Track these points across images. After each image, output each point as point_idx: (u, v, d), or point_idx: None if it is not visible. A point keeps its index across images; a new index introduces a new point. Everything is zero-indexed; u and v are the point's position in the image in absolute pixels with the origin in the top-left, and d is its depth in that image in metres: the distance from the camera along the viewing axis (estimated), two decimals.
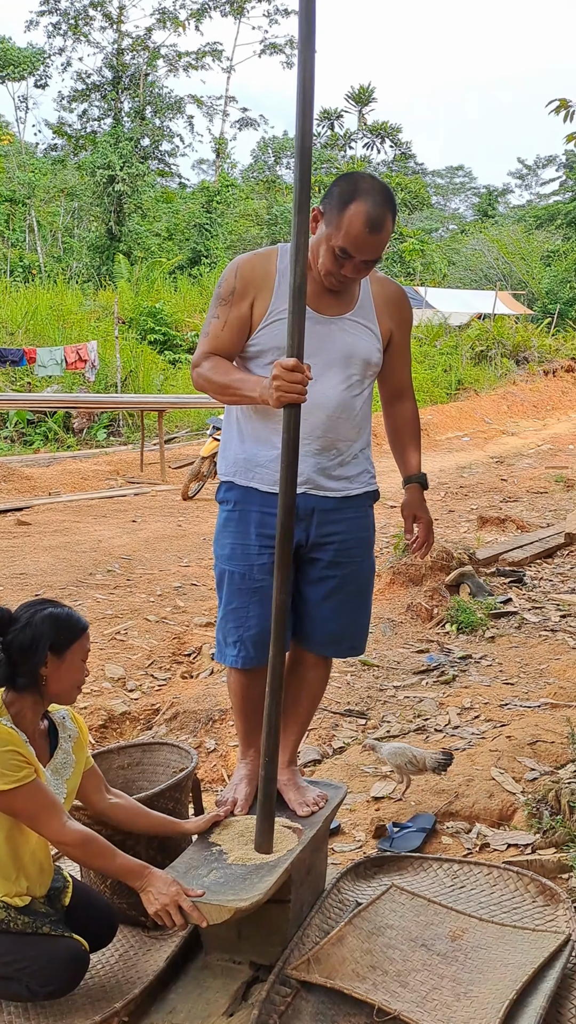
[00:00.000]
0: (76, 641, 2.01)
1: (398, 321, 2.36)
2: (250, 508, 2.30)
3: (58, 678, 1.99)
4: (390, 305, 2.34)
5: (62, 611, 2.02)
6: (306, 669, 2.47)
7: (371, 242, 2.08)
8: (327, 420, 2.25)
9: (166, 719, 4.26)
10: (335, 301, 2.24)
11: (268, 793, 2.09)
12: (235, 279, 2.22)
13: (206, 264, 26.77)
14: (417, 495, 2.52)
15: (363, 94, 36.93)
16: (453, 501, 9.92)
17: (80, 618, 2.05)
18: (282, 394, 1.93)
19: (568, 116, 6.15)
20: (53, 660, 1.97)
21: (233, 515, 2.34)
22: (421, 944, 2.17)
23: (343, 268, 2.13)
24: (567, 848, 2.80)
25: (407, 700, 4.31)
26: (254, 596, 2.31)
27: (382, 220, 2.07)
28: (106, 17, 28.90)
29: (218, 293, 2.25)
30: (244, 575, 2.32)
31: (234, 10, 30.96)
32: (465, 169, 59.61)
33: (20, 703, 1.98)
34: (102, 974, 2.14)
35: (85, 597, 5.84)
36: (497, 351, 20.95)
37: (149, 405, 12.28)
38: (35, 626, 1.96)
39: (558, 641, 5.05)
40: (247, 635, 2.33)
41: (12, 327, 16.40)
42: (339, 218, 2.07)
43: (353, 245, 2.08)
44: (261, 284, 2.20)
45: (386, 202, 2.08)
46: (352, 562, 2.37)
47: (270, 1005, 1.96)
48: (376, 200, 2.06)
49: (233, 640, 2.35)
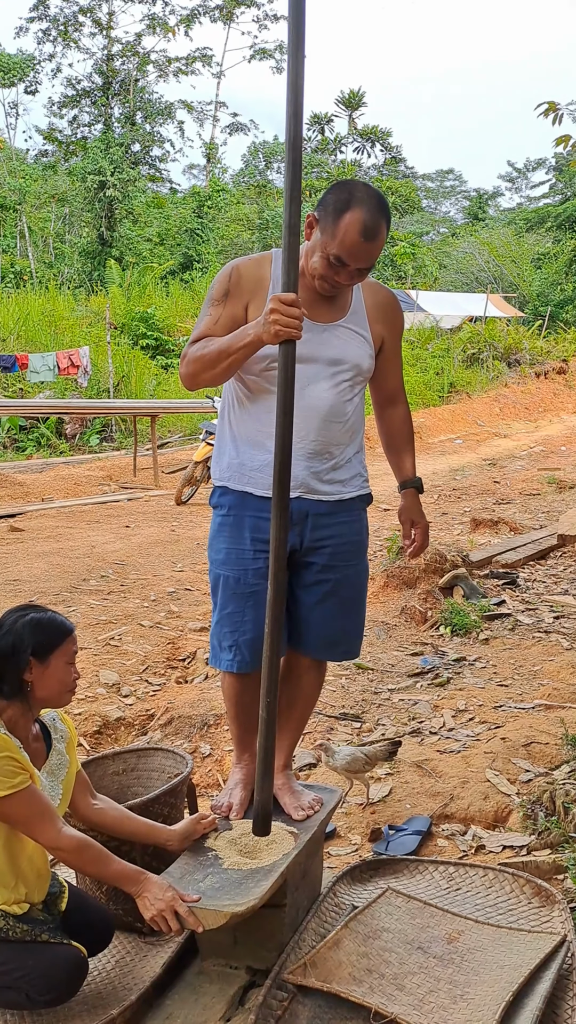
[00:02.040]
0: (59, 646, 2.00)
1: (390, 327, 2.38)
2: (244, 513, 2.31)
3: (44, 683, 1.98)
4: (381, 311, 2.35)
5: (44, 616, 2.01)
6: (301, 673, 2.47)
7: (366, 250, 2.10)
8: (320, 425, 2.25)
9: (161, 724, 4.25)
10: (328, 308, 2.25)
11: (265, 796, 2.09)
12: (228, 281, 2.23)
13: (197, 269, 26.78)
14: (414, 500, 2.54)
15: (353, 98, 37.07)
16: (446, 503, 9.94)
17: (64, 622, 2.04)
18: (279, 328, 1.94)
19: (557, 119, 6.18)
20: (37, 665, 1.96)
21: (227, 520, 2.35)
22: (417, 947, 2.17)
23: (337, 275, 2.14)
24: (562, 849, 2.81)
25: (402, 703, 4.32)
26: (249, 600, 2.31)
27: (377, 228, 2.09)
28: (96, 23, 28.94)
29: (211, 295, 2.26)
30: (239, 579, 2.33)
31: (223, 16, 31.02)
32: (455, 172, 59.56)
33: (11, 710, 1.98)
34: (99, 981, 2.13)
35: (79, 603, 5.83)
36: (489, 354, 21.00)
37: (142, 410, 12.28)
38: (15, 633, 1.95)
39: (552, 643, 5.06)
40: (242, 639, 2.33)
41: (4, 333, 16.38)
42: (334, 226, 2.09)
43: (348, 253, 2.10)
44: (255, 288, 2.21)
45: (381, 210, 2.10)
46: (346, 566, 2.37)
47: (267, 1010, 1.96)
48: (371, 208, 2.08)
49: (228, 644, 2.35)
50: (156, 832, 2.21)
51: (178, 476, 10.87)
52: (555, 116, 6.16)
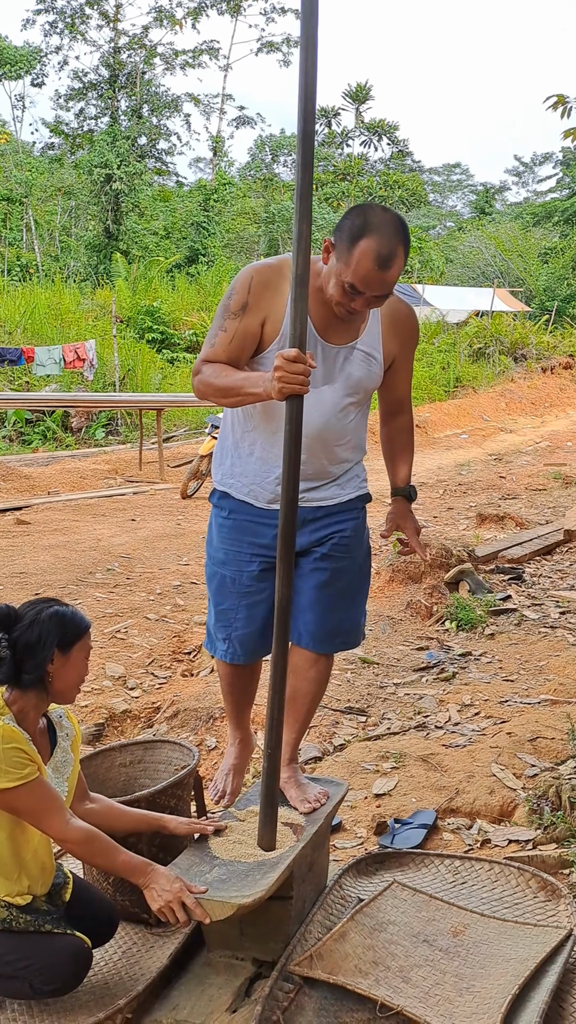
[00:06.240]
0: (81, 639, 2.03)
1: (403, 341, 2.37)
2: (244, 518, 2.38)
3: (63, 675, 2.00)
4: (397, 326, 2.34)
5: (67, 609, 2.04)
6: (305, 668, 2.47)
7: (380, 279, 2.05)
8: (322, 448, 2.31)
9: (167, 717, 4.26)
10: (343, 329, 2.24)
11: (270, 787, 2.10)
12: (247, 293, 2.18)
13: (203, 262, 26.73)
14: (403, 506, 2.59)
15: (360, 92, 36.94)
16: (452, 499, 9.93)
17: (83, 616, 2.07)
18: (284, 385, 1.91)
19: (565, 112, 6.16)
20: (60, 657, 1.98)
21: (227, 522, 2.42)
22: (423, 940, 2.18)
23: (353, 302, 2.11)
24: (568, 844, 2.81)
25: (407, 697, 4.32)
26: (243, 600, 2.42)
27: (392, 257, 2.03)
28: (103, 16, 28.82)
29: (227, 304, 2.20)
30: (235, 580, 2.42)
31: (231, 8, 30.89)
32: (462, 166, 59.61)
33: (23, 701, 1.98)
34: (105, 971, 2.14)
35: (85, 596, 5.84)
36: (495, 348, 20.96)
37: (147, 404, 12.28)
38: (42, 623, 1.97)
39: (557, 638, 5.06)
40: (235, 635, 2.46)
41: (10, 326, 16.39)
42: (349, 254, 2.04)
43: (362, 282, 2.05)
44: (273, 300, 2.17)
45: (397, 236, 2.04)
46: (344, 557, 2.41)
47: (273, 1001, 1.96)
48: (386, 235, 2.02)
49: (223, 637, 2.48)
50: (153, 819, 2.21)
51: (183, 470, 10.87)
52: (564, 109, 6.14)
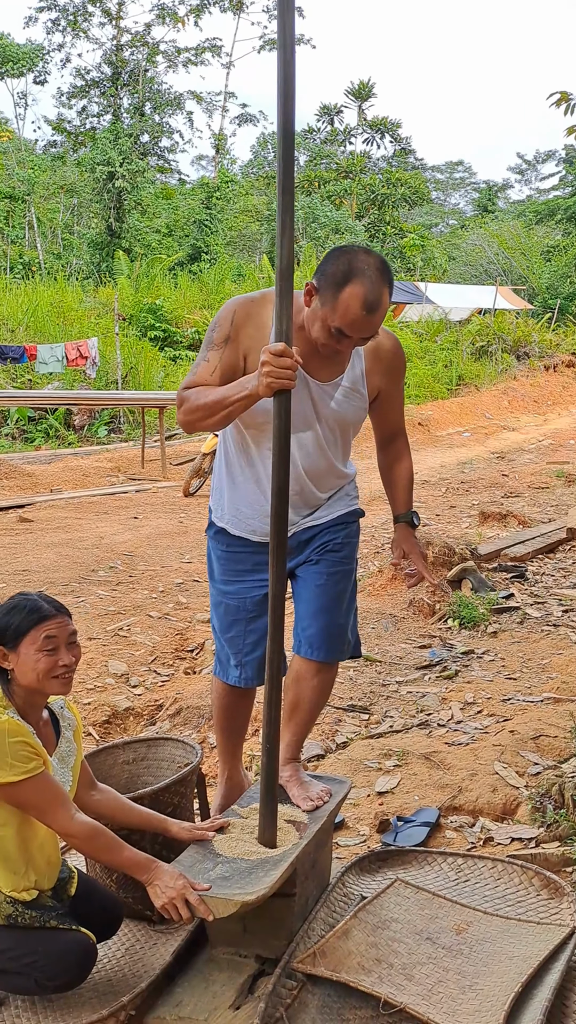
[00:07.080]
0: (27, 633, 1.94)
1: (389, 374, 2.38)
2: (242, 551, 2.45)
3: (21, 670, 1.96)
4: (381, 360, 2.35)
5: (17, 601, 1.99)
6: (307, 677, 2.48)
7: (368, 322, 2.07)
8: (314, 482, 2.38)
9: (169, 715, 4.27)
10: (327, 364, 2.25)
11: (270, 787, 2.10)
12: (230, 326, 2.20)
13: (206, 260, 26.71)
14: (406, 532, 2.62)
15: (363, 89, 36.84)
16: (454, 497, 9.92)
17: (38, 608, 1.97)
18: (272, 380, 1.91)
19: (568, 109, 6.13)
20: (10, 653, 1.96)
21: (226, 554, 2.49)
22: (426, 937, 2.18)
23: (339, 344, 2.12)
24: (571, 842, 2.81)
25: (410, 695, 4.32)
26: (250, 625, 2.47)
27: (378, 300, 2.05)
28: (105, 13, 28.81)
29: (211, 337, 2.23)
30: (239, 607, 2.48)
31: (233, 6, 30.85)
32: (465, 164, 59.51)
33: (18, 696, 1.99)
34: (109, 968, 2.15)
35: (87, 594, 5.85)
36: (498, 346, 20.93)
37: (150, 402, 12.28)
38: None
39: (560, 636, 5.06)
40: (247, 659, 2.50)
41: (13, 324, 16.38)
42: (335, 300, 2.05)
43: (350, 326, 2.07)
44: (256, 335, 2.18)
45: (382, 277, 2.05)
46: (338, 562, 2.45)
47: (276, 998, 1.97)
48: (371, 279, 2.03)
49: (235, 664, 2.52)
50: (157, 820, 2.22)
51: (186, 468, 10.88)
52: (567, 106, 6.11)
